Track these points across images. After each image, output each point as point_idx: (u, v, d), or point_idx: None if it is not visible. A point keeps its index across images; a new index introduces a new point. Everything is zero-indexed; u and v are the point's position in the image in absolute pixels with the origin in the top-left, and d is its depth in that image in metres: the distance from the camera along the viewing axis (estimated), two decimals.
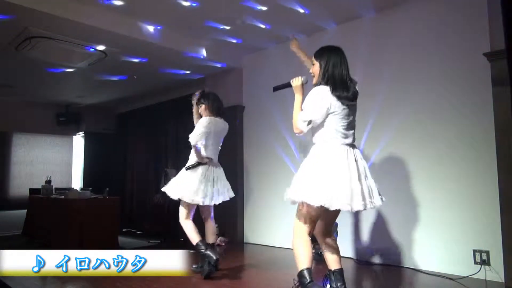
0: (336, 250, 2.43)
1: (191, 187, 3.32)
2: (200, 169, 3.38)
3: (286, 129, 4.78)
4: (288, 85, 2.46)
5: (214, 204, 3.46)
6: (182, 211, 3.43)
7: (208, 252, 3.26)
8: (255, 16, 4.08)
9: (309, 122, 2.23)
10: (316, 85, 2.30)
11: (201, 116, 3.53)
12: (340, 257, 2.44)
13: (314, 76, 2.38)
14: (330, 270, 2.41)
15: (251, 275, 3.56)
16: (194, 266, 3.35)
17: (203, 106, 3.52)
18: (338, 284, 2.34)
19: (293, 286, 2.37)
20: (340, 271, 2.38)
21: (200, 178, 3.34)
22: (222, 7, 3.90)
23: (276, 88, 2.56)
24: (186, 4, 3.78)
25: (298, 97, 2.38)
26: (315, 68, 2.35)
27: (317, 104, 2.20)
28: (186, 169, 3.40)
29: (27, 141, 7.59)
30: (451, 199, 3.41)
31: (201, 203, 3.34)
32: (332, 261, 2.41)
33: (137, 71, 5.55)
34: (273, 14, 4.00)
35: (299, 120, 2.25)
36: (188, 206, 3.41)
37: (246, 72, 5.43)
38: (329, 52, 2.32)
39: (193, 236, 3.37)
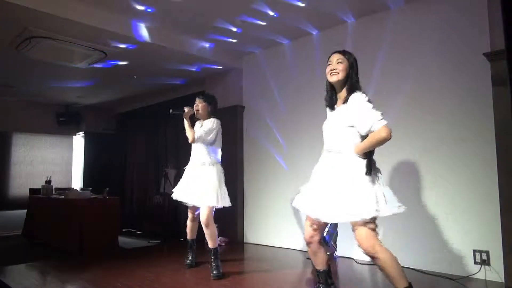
0: None
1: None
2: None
3: (286, 129, 4.79)
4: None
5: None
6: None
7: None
8: (255, 16, 4.08)
9: None
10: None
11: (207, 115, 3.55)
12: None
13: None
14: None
15: (251, 275, 3.56)
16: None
17: (210, 106, 3.54)
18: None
19: None
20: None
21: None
22: (222, 7, 3.90)
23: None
24: (185, 4, 3.78)
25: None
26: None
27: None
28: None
29: (27, 141, 7.59)
30: (451, 199, 3.41)
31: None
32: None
33: (137, 71, 5.56)
34: (269, 16, 4.01)
35: None
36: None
37: (246, 72, 5.44)
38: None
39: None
